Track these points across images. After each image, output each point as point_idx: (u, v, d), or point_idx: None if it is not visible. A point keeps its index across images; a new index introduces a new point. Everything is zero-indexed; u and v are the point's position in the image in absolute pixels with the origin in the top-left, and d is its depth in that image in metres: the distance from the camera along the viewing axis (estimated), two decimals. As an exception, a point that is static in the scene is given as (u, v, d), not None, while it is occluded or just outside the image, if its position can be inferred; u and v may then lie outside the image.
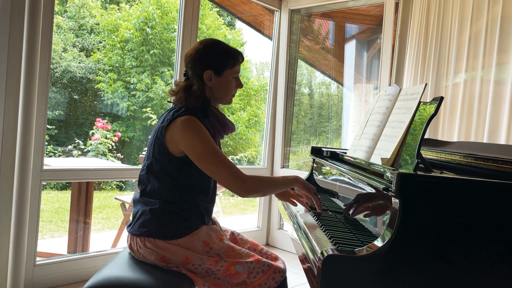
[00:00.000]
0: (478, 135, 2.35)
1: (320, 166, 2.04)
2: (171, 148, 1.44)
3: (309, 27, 3.98)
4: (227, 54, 1.51)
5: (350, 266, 0.99)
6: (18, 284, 2.18)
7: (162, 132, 1.45)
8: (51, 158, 4.69)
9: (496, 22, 2.29)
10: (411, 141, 1.32)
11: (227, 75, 1.52)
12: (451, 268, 1.04)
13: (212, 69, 1.49)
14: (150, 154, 1.50)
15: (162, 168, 1.47)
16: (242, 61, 1.57)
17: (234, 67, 1.54)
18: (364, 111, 3.80)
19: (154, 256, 1.43)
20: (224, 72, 1.51)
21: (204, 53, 1.49)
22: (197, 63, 1.50)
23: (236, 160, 6.83)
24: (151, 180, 1.49)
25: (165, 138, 1.44)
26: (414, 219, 1.03)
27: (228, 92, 1.56)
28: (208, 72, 1.49)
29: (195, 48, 1.51)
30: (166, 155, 1.45)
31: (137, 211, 1.50)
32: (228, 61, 1.51)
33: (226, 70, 1.51)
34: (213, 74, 1.50)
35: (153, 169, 1.48)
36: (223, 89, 1.54)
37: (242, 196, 1.43)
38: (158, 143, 1.46)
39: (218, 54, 1.50)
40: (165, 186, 1.47)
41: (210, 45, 1.52)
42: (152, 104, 5.84)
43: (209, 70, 1.49)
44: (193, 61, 1.50)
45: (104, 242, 4.02)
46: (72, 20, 6.51)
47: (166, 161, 1.46)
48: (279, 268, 1.49)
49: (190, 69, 1.52)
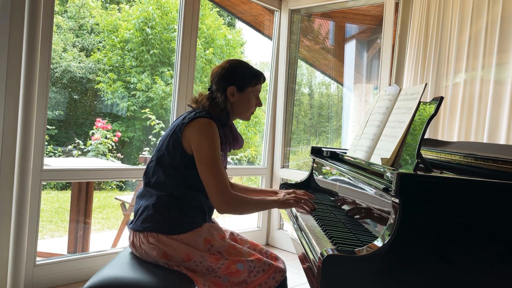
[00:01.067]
0: (478, 135, 2.35)
1: (320, 166, 2.04)
2: (185, 144, 1.50)
3: (309, 27, 3.98)
4: (250, 73, 1.63)
5: (350, 266, 0.99)
6: (18, 284, 2.18)
7: (181, 128, 1.50)
8: (51, 158, 4.69)
9: (496, 22, 2.29)
10: (411, 141, 1.32)
11: (249, 92, 1.63)
12: (451, 268, 1.04)
13: (236, 85, 1.60)
14: (163, 146, 1.54)
15: (172, 162, 1.51)
16: (263, 81, 1.69)
17: (256, 86, 1.65)
18: (364, 111, 3.80)
19: (156, 252, 1.44)
20: (246, 89, 1.62)
21: (230, 70, 1.61)
22: (222, 79, 1.61)
23: (236, 160, 6.83)
24: (157, 172, 1.52)
25: (182, 134, 1.50)
26: (414, 219, 1.03)
27: (248, 108, 1.66)
28: (232, 88, 1.60)
29: (222, 66, 1.63)
30: (179, 150, 1.50)
31: (139, 206, 1.52)
32: (252, 80, 1.63)
33: (248, 87, 1.62)
34: (236, 90, 1.60)
35: (163, 161, 1.52)
36: (243, 105, 1.64)
37: (219, 210, 1.50)
38: (174, 138, 1.51)
39: (243, 72, 1.62)
40: (170, 180, 1.50)
41: (236, 64, 1.64)
42: (152, 104, 5.84)
43: (233, 86, 1.60)
44: (219, 77, 1.61)
45: (104, 242, 4.02)
46: (72, 20, 6.51)
47: (178, 156, 1.50)
48: (279, 268, 1.50)
49: (215, 84, 1.62)
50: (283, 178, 3.62)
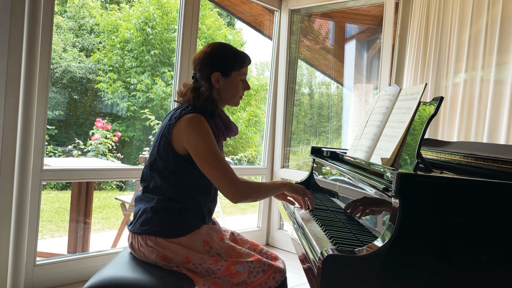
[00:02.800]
0: (478, 135, 2.35)
1: (320, 166, 2.04)
2: (176, 145, 1.46)
3: (309, 27, 3.98)
4: (234, 56, 1.55)
5: (350, 266, 0.99)
6: (18, 284, 2.18)
7: (169, 130, 1.47)
8: (51, 158, 4.69)
9: (496, 22, 2.29)
10: (411, 141, 1.32)
11: (235, 77, 1.56)
12: (451, 268, 1.04)
13: (220, 70, 1.53)
14: (154, 151, 1.51)
15: (166, 166, 1.48)
16: (249, 64, 1.61)
17: (241, 69, 1.57)
18: (364, 111, 3.80)
19: (155, 255, 1.43)
20: (231, 74, 1.55)
21: (212, 55, 1.53)
22: (205, 65, 1.53)
23: (236, 160, 6.83)
24: (154, 177, 1.50)
25: (171, 136, 1.46)
26: (414, 219, 1.03)
27: (236, 94, 1.59)
28: (216, 74, 1.53)
29: (203, 51, 1.55)
30: (171, 152, 1.47)
31: (138, 209, 1.51)
32: (235, 63, 1.55)
33: (233, 72, 1.55)
34: (220, 76, 1.53)
35: (157, 166, 1.50)
36: (230, 91, 1.57)
37: (233, 201, 1.46)
38: (163, 140, 1.48)
39: (226, 56, 1.54)
40: (167, 183, 1.48)
41: (218, 48, 1.55)
42: (152, 105, 5.84)
43: (217, 72, 1.53)
44: (201, 64, 1.54)
45: (104, 242, 4.02)
46: (72, 20, 6.51)
47: (170, 158, 1.47)
48: (279, 268, 1.49)
49: (198, 72, 1.56)
50: (283, 178, 3.62)
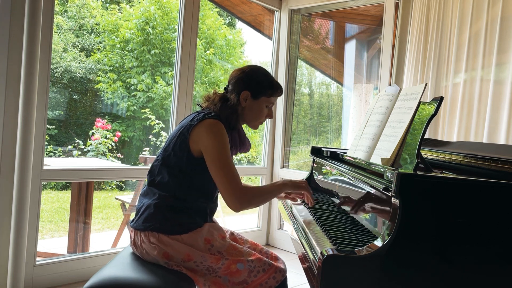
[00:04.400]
0: (478, 135, 2.35)
1: (320, 166, 2.04)
2: (192, 146, 1.48)
3: (309, 27, 3.98)
4: (269, 84, 1.61)
5: (350, 266, 0.99)
6: (18, 284, 2.18)
7: (188, 130, 1.49)
8: (51, 158, 4.69)
9: (496, 22, 2.29)
10: (411, 141, 1.32)
11: (262, 101, 1.61)
12: (451, 268, 1.04)
13: (251, 91, 1.58)
14: (170, 146, 1.53)
15: (178, 163, 1.50)
16: (280, 95, 1.66)
17: (271, 97, 1.63)
18: (364, 111, 3.80)
19: (157, 252, 1.44)
20: (260, 98, 1.60)
21: (250, 76, 1.60)
22: (240, 82, 1.59)
23: (236, 160, 6.83)
24: (162, 172, 1.52)
25: (189, 136, 1.48)
26: (414, 219, 1.03)
27: (257, 117, 1.64)
28: (246, 93, 1.58)
29: (242, 69, 1.62)
30: (186, 152, 1.49)
31: (141, 205, 1.52)
32: (268, 90, 1.61)
33: (263, 96, 1.61)
34: (250, 96, 1.59)
35: (169, 161, 1.51)
36: (254, 113, 1.62)
37: (233, 209, 1.47)
38: (181, 138, 1.50)
39: (261, 80, 1.60)
40: (175, 181, 1.49)
41: (257, 71, 1.62)
42: (152, 104, 5.84)
43: (248, 91, 1.58)
44: (237, 79, 1.60)
45: (104, 242, 4.02)
46: (72, 20, 6.51)
47: (184, 157, 1.49)
48: (279, 268, 1.50)
49: (231, 85, 1.61)
50: (283, 178, 3.62)
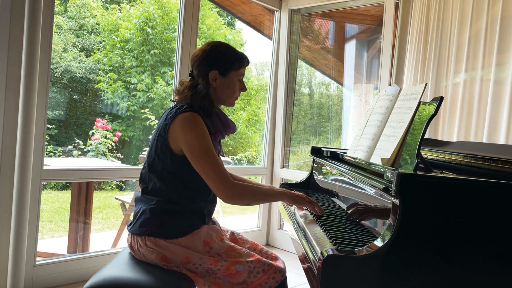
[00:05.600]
0: (478, 135, 2.35)
1: (320, 166, 2.04)
2: (173, 145, 1.45)
3: (309, 27, 3.98)
4: (233, 56, 1.54)
5: (350, 266, 0.99)
6: (18, 284, 2.18)
7: (165, 130, 1.46)
8: (51, 158, 4.69)
9: (496, 22, 2.29)
10: (411, 141, 1.32)
11: (232, 76, 1.55)
12: (451, 268, 1.04)
13: (218, 69, 1.52)
14: (152, 152, 1.50)
15: (164, 167, 1.47)
16: (247, 65, 1.60)
17: (239, 69, 1.57)
18: (364, 111, 3.80)
19: (155, 255, 1.43)
20: (229, 73, 1.54)
21: (211, 53, 1.52)
22: (203, 63, 1.52)
23: (236, 160, 6.83)
24: (152, 178, 1.49)
25: (168, 136, 1.45)
26: (414, 219, 1.03)
27: (232, 93, 1.58)
28: (214, 72, 1.52)
29: (202, 49, 1.54)
30: (168, 153, 1.46)
31: (138, 210, 1.50)
32: (234, 63, 1.54)
33: (231, 71, 1.54)
34: (218, 75, 1.52)
35: (155, 167, 1.49)
36: (227, 90, 1.56)
37: (225, 200, 1.44)
38: (160, 141, 1.47)
39: (225, 55, 1.53)
40: (166, 185, 1.47)
41: (217, 46, 1.55)
42: (152, 104, 5.84)
43: (215, 71, 1.52)
44: (200, 61, 1.53)
45: (104, 242, 4.02)
46: (73, 20, 6.51)
47: (168, 159, 1.46)
48: (279, 268, 1.49)
49: (195, 69, 1.54)
50: (283, 178, 3.62)
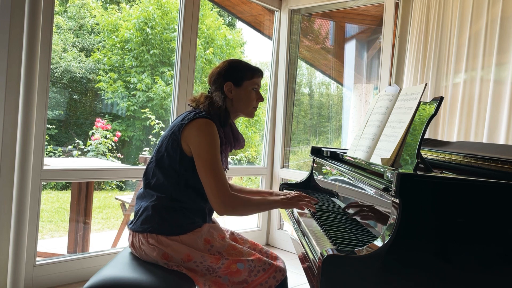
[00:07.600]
0: (477, 135, 2.35)
1: (320, 166, 2.04)
2: (184, 146, 1.48)
3: (309, 27, 3.98)
4: (245, 67, 1.62)
5: (350, 266, 0.99)
6: (18, 284, 2.18)
7: (180, 129, 1.48)
8: (51, 158, 4.69)
9: (496, 22, 2.29)
10: (411, 141, 1.32)
11: (246, 86, 1.60)
12: (451, 268, 1.04)
13: (232, 80, 1.58)
14: (162, 147, 1.52)
15: (172, 164, 1.49)
16: (261, 75, 1.65)
17: (253, 79, 1.61)
18: (364, 111, 3.80)
19: (156, 253, 1.43)
20: (243, 83, 1.59)
21: (225, 68, 1.60)
22: (218, 78, 1.59)
23: (236, 160, 6.82)
24: (157, 173, 1.51)
25: (181, 135, 1.48)
26: (414, 219, 1.03)
27: (249, 103, 1.62)
28: (228, 84, 1.58)
29: (217, 67, 1.63)
30: (178, 151, 1.48)
31: (139, 207, 1.51)
32: (247, 72, 1.60)
33: (244, 81, 1.60)
34: (233, 86, 1.58)
35: (163, 162, 1.51)
36: (243, 100, 1.61)
37: (218, 212, 1.46)
38: (173, 138, 1.49)
39: (237, 67, 1.61)
40: (170, 182, 1.49)
41: (230, 61, 1.63)
42: (152, 104, 5.84)
43: (229, 82, 1.58)
44: (215, 77, 1.60)
45: (104, 242, 4.02)
46: (72, 20, 6.51)
47: (177, 157, 1.48)
48: (280, 267, 1.50)
49: (212, 85, 1.61)
50: (283, 178, 3.62)
